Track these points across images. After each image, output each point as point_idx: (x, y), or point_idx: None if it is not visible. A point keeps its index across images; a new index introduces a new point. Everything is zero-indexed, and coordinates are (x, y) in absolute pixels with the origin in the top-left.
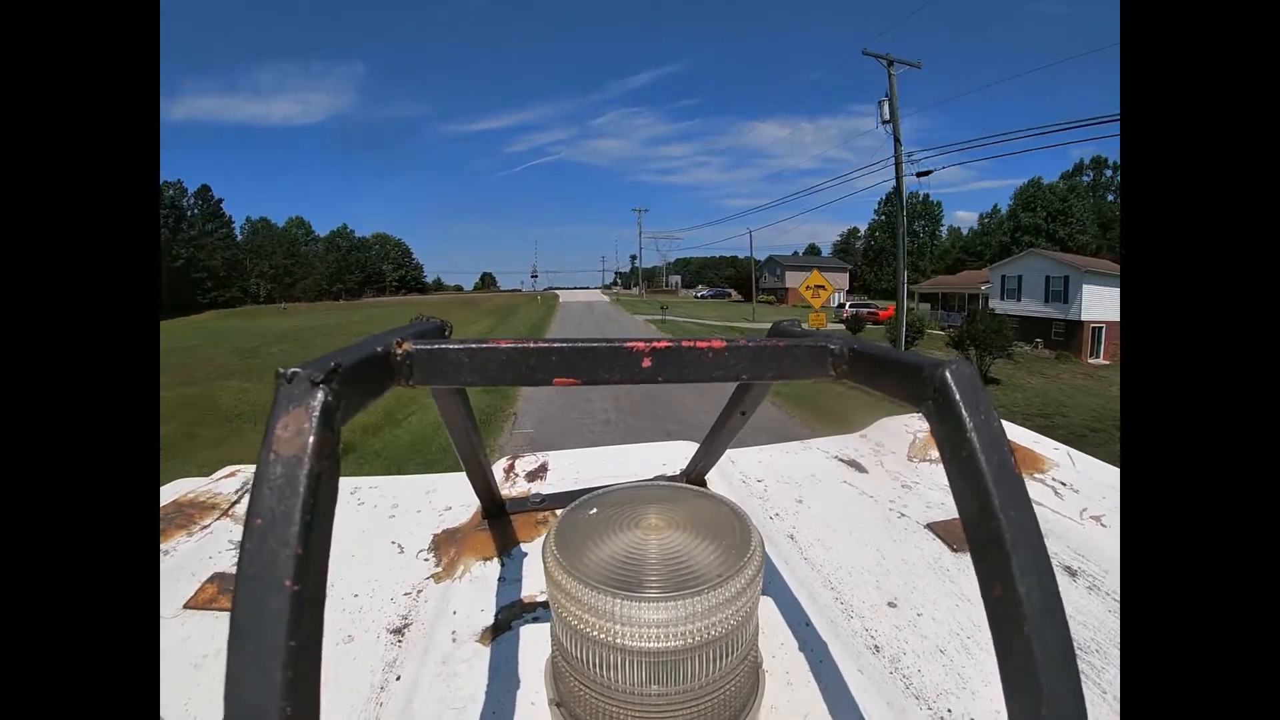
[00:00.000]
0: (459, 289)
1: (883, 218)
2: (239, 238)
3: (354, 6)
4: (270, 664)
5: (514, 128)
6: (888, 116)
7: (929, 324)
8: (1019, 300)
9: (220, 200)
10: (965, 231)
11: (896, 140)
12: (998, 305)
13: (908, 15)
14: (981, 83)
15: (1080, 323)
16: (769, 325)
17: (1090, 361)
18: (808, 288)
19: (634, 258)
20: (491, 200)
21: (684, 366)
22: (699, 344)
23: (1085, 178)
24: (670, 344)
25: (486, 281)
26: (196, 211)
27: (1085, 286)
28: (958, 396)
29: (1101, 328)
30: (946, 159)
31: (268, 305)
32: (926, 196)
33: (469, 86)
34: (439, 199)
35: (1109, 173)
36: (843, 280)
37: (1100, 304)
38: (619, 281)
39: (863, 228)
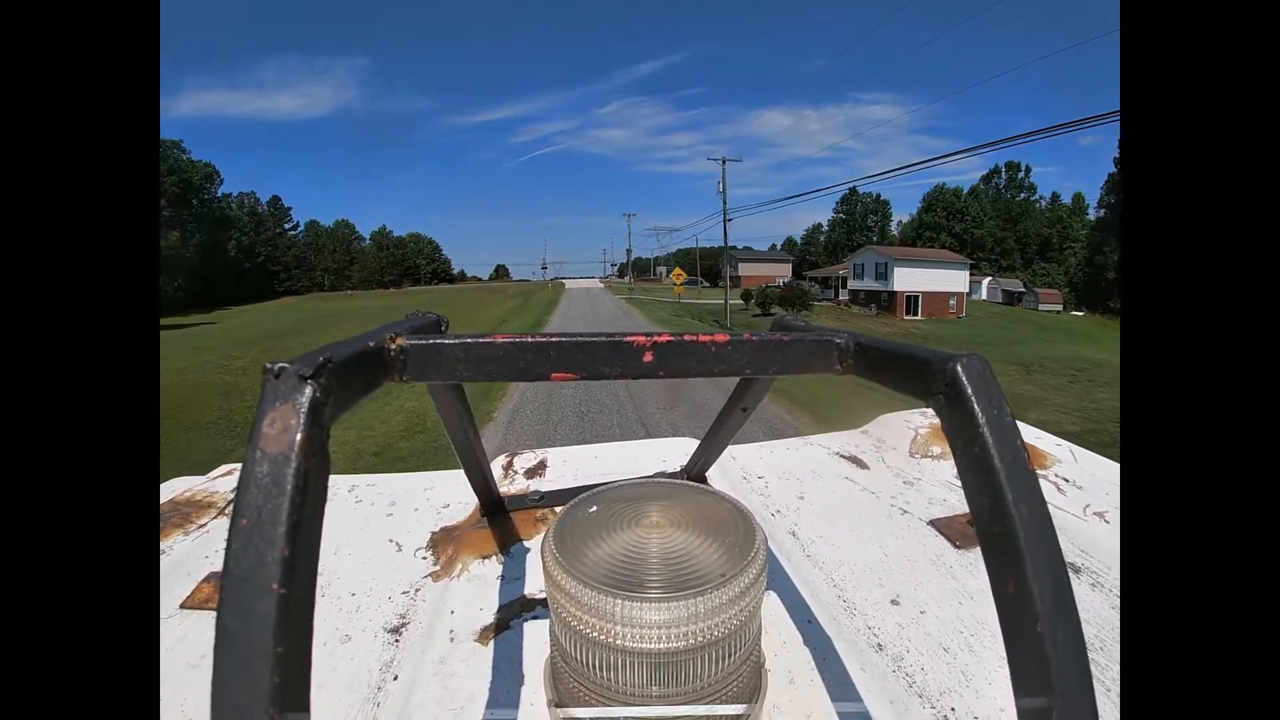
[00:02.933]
0: (477, 279)
1: (841, 215)
2: (301, 238)
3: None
4: (257, 668)
5: (519, 118)
6: (720, 189)
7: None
8: (862, 280)
9: (290, 208)
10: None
11: (724, 201)
12: (852, 283)
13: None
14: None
15: (896, 292)
16: (706, 303)
17: (906, 319)
18: (676, 276)
19: (628, 251)
20: (500, 192)
21: (686, 361)
22: (701, 338)
23: (999, 180)
24: (672, 338)
25: (500, 273)
26: (268, 216)
27: (896, 269)
28: (970, 391)
29: (918, 296)
30: (756, 210)
31: (333, 292)
32: (878, 196)
33: (472, 77)
34: (450, 193)
35: (1020, 174)
36: (785, 269)
37: (907, 279)
38: (616, 273)
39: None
